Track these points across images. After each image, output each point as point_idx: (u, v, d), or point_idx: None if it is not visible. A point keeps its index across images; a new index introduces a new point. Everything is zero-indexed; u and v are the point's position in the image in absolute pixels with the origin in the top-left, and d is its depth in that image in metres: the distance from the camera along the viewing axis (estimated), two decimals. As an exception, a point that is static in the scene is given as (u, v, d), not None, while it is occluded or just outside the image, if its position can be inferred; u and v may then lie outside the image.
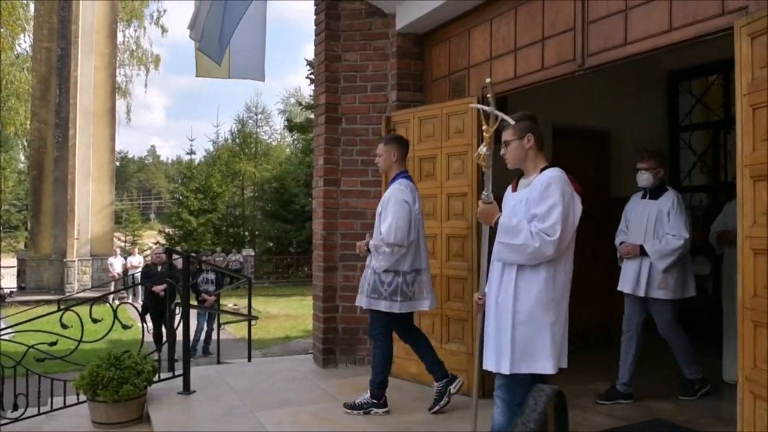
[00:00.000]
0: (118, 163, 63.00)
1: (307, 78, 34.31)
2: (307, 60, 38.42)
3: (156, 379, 8.50)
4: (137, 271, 28.00)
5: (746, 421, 5.03)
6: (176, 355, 9.98)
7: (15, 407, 8.02)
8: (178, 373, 8.96)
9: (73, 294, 28.90)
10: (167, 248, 21.29)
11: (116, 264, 32.70)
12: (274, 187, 47.06)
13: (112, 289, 28.55)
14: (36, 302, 24.16)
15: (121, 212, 62.26)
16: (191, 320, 8.93)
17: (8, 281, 35.13)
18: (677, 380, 8.13)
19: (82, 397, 8.12)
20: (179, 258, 10.75)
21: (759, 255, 4.86)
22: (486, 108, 5.88)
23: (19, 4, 42.59)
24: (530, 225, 5.27)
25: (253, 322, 13.35)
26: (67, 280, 32.69)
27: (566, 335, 5.43)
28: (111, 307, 8.50)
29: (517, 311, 5.34)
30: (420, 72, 9.60)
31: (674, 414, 7.48)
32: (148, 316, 14.71)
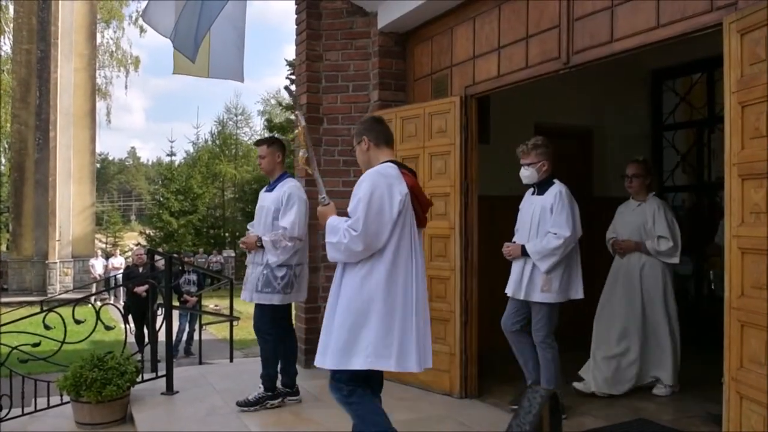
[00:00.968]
0: (98, 165, 62.75)
1: (287, 78, 34.17)
2: (287, 60, 38.33)
3: (139, 379, 8.47)
4: (119, 273, 27.95)
5: (732, 421, 5.02)
6: (159, 355, 9.93)
7: (-1, 408, 8.01)
8: (161, 373, 8.96)
9: (56, 295, 28.83)
10: (149, 249, 21.25)
11: (98, 265, 32.81)
12: (255, 189, 46.92)
13: (94, 290, 28.49)
14: (18, 304, 24.02)
15: (102, 214, 62.14)
16: (173, 321, 8.88)
17: (-10, 283, 35.04)
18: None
19: (66, 398, 8.08)
20: (161, 259, 10.69)
21: (747, 254, 4.84)
22: (299, 117, 6.57)
23: (-3, 7, 42.46)
24: (345, 223, 5.31)
25: (234, 322, 13.29)
26: (49, 281, 32.63)
27: (411, 334, 5.28)
28: (93, 308, 8.50)
29: (339, 308, 5.33)
30: (402, 71, 9.55)
31: (658, 413, 7.47)
32: (130, 317, 14.66)
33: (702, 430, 6.89)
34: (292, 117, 7.19)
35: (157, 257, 12.25)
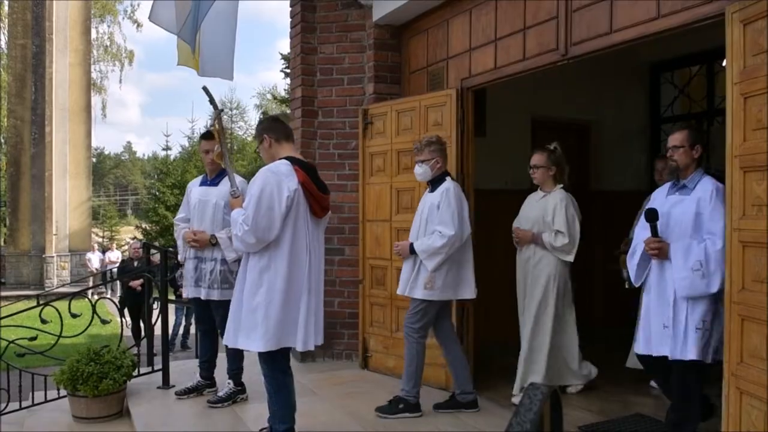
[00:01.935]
0: (94, 160, 62.79)
1: (281, 72, 34.16)
2: (282, 54, 38.28)
3: (135, 373, 8.51)
4: (115, 266, 27.94)
5: (732, 416, 4.98)
6: (155, 349, 9.90)
7: (-4, 402, 8.01)
8: (158, 367, 8.97)
9: (53, 289, 28.79)
10: (144, 243, 21.20)
11: (94, 259, 32.78)
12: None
13: (90, 284, 28.47)
14: (16, 297, 24.00)
15: (99, 208, 62.09)
16: (169, 315, 8.85)
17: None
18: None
19: (63, 392, 8.11)
20: (156, 253, 10.64)
21: (748, 248, 4.79)
22: (216, 117, 7.03)
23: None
24: (241, 217, 5.87)
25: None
26: (46, 275, 32.58)
27: (311, 317, 6.03)
28: (90, 302, 8.56)
29: (245, 295, 5.96)
30: (397, 64, 9.52)
31: (654, 409, 7.42)
32: (126, 311, 14.64)
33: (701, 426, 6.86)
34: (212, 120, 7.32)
35: (152, 251, 12.15)
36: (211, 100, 6.79)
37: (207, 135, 8.06)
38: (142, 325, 14.14)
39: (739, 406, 4.91)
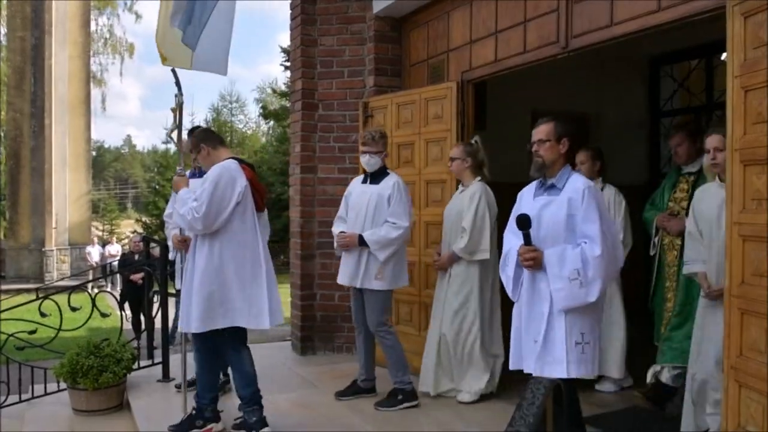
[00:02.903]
0: (94, 153, 62.77)
1: (281, 65, 34.19)
2: (281, 47, 38.22)
3: (135, 366, 8.57)
4: (115, 260, 27.92)
5: (731, 409, 4.97)
6: (155, 342, 9.91)
7: (-3, 395, 8.03)
8: (158, 360, 9.00)
9: (53, 282, 28.78)
10: (144, 236, 21.18)
11: (94, 253, 32.82)
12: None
13: (90, 277, 28.48)
14: (15, 291, 23.96)
15: (99, 201, 62.01)
16: (169, 308, 8.86)
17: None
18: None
19: (63, 385, 8.13)
20: (156, 246, 10.64)
21: (747, 241, 4.78)
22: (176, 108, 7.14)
23: (-9, -6, 42.32)
24: (192, 202, 6.32)
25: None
26: (46, 268, 32.54)
27: (263, 297, 6.47)
28: (90, 296, 8.56)
29: (196, 280, 6.38)
30: (398, 56, 9.52)
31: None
32: (126, 305, 14.63)
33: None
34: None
35: (153, 245, 12.15)
36: (177, 82, 7.02)
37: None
38: (142, 318, 14.16)
39: (738, 399, 4.90)
